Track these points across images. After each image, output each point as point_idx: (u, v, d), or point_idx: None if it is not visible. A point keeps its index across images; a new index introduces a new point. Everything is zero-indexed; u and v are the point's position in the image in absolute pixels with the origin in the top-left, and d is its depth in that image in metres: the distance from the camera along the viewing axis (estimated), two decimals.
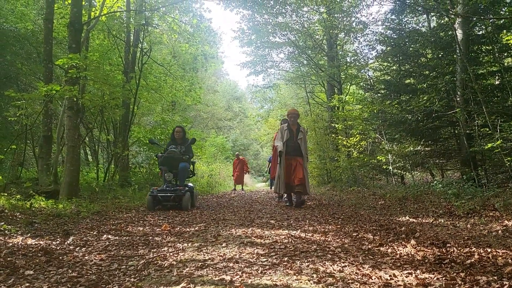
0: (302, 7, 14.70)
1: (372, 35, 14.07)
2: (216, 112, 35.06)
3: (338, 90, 15.00)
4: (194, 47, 15.13)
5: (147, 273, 2.56)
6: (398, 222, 4.75)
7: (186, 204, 6.57)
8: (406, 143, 9.39)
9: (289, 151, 7.27)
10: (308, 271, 2.51)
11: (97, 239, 3.85)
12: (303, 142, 7.39)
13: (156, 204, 6.62)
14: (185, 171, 7.02)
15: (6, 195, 5.55)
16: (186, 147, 7.27)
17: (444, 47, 8.65)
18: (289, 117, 7.58)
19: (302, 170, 7.11)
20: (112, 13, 10.68)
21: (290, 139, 7.32)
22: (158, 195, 6.54)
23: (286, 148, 7.26)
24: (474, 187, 6.62)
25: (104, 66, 9.39)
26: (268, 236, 3.83)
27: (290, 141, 7.31)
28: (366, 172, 12.33)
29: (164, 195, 6.56)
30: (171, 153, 6.87)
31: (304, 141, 7.48)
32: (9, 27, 10.46)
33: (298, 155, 7.27)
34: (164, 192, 6.62)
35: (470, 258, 2.76)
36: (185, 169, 7.03)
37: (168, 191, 6.62)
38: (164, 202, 6.59)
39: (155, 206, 6.61)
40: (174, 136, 7.43)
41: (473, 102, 7.55)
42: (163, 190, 6.64)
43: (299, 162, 7.21)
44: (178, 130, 7.46)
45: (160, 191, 6.62)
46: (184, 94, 15.37)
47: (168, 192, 6.60)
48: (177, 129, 7.49)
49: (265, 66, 18.19)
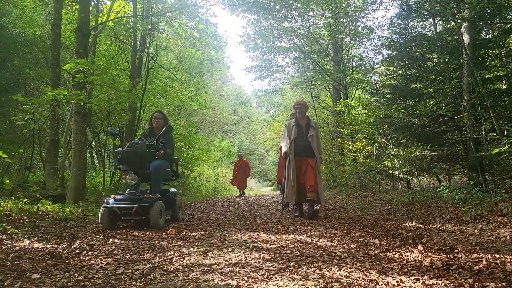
0: (308, 12, 14.73)
1: (378, 40, 14.05)
2: (221, 116, 35.12)
3: (344, 95, 14.98)
4: (200, 52, 15.22)
5: (153, 278, 2.56)
6: (404, 228, 4.72)
7: (155, 218, 4.76)
8: (412, 147, 9.34)
9: (299, 151, 6.07)
10: (314, 276, 2.50)
11: (103, 243, 3.86)
12: (315, 139, 6.13)
13: (115, 220, 4.88)
14: (159, 171, 5.29)
15: (14, 198, 5.59)
16: (166, 139, 5.64)
17: (451, 52, 8.63)
18: (296, 109, 6.34)
19: (314, 174, 5.94)
20: (119, 18, 10.77)
21: (299, 136, 6.11)
22: (113, 206, 4.69)
23: (294, 148, 6.08)
24: (482, 192, 6.56)
25: (111, 71, 9.45)
26: (274, 241, 3.82)
27: (299, 139, 6.11)
28: (372, 176, 12.27)
29: (122, 207, 4.71)
30: (133, 148, 5.02)
31: (317, 138, 6.19)
32: (18, 32, 10.56)
33: (309, 155, 6.04)
34: (122, 202, 4.76)
35: (478, 264, 2.74)
36: (160, 169, 5.31)
37: (128, 201, 4.77)
38: (125, 216, 4.81)
39: (113, 223, 4.84)
40: (152, 125, 5.79)
41: (480, 107, 7.51)
42: (121, 199, 4.80)
43: (310, 165, 6.00)
44: (158, 116, 5.78)
45: (118, 201, 4.77)
46: (190, 99, 15.44)
47: (128, 202, 4.75)
48: (156, 115, 5.80)
49: (270, 70, 18.22)
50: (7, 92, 8.97)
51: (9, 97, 8.73)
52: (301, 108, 6.28)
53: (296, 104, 6.38)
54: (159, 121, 5.75)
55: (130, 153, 4.98)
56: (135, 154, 5.00)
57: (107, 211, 4.71)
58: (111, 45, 11.95)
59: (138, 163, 5.05)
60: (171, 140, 5.78)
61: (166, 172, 5.53)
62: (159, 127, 5.69)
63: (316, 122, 7.42)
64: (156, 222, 4.79)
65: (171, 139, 5.79)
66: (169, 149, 5.55)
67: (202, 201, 10.37)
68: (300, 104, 6.34)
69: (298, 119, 6.25)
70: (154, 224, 4.78)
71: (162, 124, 5.72)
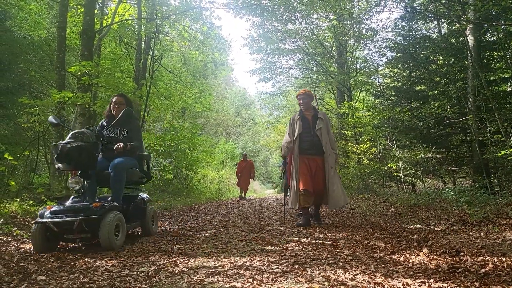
0: (312, 14, 14.75)
1: (382, 42, 14.03)
2: (225, 118, 35.20)
3: (348, 97, 14.96)
4: (204, 54, 15.29)
5: (158, 280, 2.56)
6: (409, 230, 4.69)
7: (107, 236, 3.46)
8: (417, 150, 9.31)
9: (305, 148, 5.21)
10: (320, 279, 2.49)
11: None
12: (325, 133, 5.22)
13: (54, 240, 3.60)
14: (120, 172, 4.02)
15: (19, 200, 5.62)
16: (130, 128, 4.35)
17: (455, 54, 8.61)
18: (299, 99, 5.48)
19: (322, 179, 5.17)
20: (123, 21, 10.83)
21: (305, 131, 5.25)
22: (47, 221, 3.42)
23: (300, 144, 5.22)
24: (487, 195, 6.53)
25: (115, 73, 9.51)
26: (278, 243, 3.81)
27: (306, 134, 5.24)
28: (376, 179, 12.24)
29: (60, 221, 3.42)
30: (76, 139, 3.75)
31: (328, 131, 5.28)
32: (23, 35, 10.64)
33: (318, 153, 5.19)
34: (60, 215, 3.49)
35: (484, 267, 2.72)
36: (122, 169, 4.04)
37: (68, 213, 3.51)
38: (67, 234, 3.51)
39: (52, 243, 3.59)
40: (111, 113, 4.40)
41: (485, 109, 7.48)
42: (60, 211, 3.53)
43: (320, 167, 5.19)
44: (118, 101, 4.39)
45: (55, 213, 3.51)
46: (194, 101, 15.50)
47: (69, 215, 3.48)
48: (115, 99, 4.41)
49: (274, 73, 18.24)
50: (13, 94, 9.02)
51: (14, 100, 8.77)
52: (305, 98, 5.37)
53: (300, 94, 5.48)
54: (120, 106, 4.35)
55: (71, 147, 3.68)
56: (77, 149, 3.68)
57: (40, 228, 3.44)
58: (116, 48, 12.03)
59: (83, 160, 3.71)
60: (138, 129, 4.48)
61: (131, 172, 4.24)
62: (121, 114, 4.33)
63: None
64: (108, 241, 3.47)
65: (138, 128, 4.50)
66: (135, 142, 4.27)
67: (206, 203, 10.38)
68: (304, 94, 5.41)
69: (303, 111, 5.40)
70: (106, 243, 3.47)
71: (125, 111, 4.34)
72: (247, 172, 13.44)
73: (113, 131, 4.31)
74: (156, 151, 12.02)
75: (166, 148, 12.19)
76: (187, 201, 10.11)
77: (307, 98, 5.40)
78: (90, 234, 3.53)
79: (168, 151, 12.18)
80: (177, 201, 9.81)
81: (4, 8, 9.65)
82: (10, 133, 10.05)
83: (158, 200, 9.11)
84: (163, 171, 12.40)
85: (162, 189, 11.27)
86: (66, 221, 3.43)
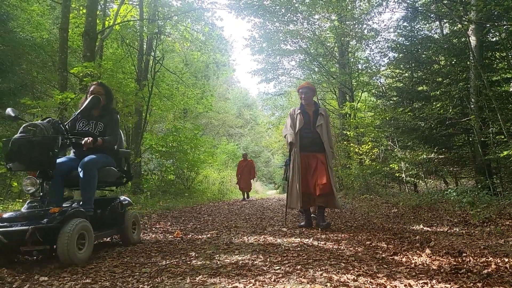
0: (314, 15, 14.75)
1: (384, 42, 14.00)
2: (227, 119, 35.23)
3: (350, 97, 14.95)
4: (206, 55, 15.32)
5: (160, 280, 2.56)
6: (412, 231, 4.69)
7: (66, 248, 2.84)
8: (419, 150, 9.29)
9: (305, 144, 5.01)
10: (322, 280, 2.49)
11: (111, 245, 3.87)
12: (324, 130, 5.05)
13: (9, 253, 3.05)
14: (91, 171, 3.46)
15: (21, 201, 5.63)
16: (107, 122, 3.78)
17: (458, 54, 8.59)
18: (300, 93, 5.21)
19: (325, 172, 4.87)
20: (125, 22, 10.86)
21: (305, 127, 5.05)
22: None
23: (300, 141, 5.03)
24: (490, 195, 6.51)
25: (117, 74, 9.53)
26: (280, 244, 3.81)
27: (306, 130, 5.05)
28: (378, 179, 12.23)
29: (10, 231, 2.84)
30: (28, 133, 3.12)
31: (327, 128, 5.12)
32: (25, 36, 10.68)
33: (319, 150, 4.99)
34: (11, 223, 2.93)
35: (487, 268, 2.71)
36: (92, 168, 3.47)
37: (20, 221, 2.94)
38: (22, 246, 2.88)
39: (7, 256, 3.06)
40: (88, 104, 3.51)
41: (488, 109, 7.46)
42: (11, 218, 2.97)
43: (321, 161, 4.94)
44: (96, 90, 3.81)
45: (5, 221, 2.95)
46: (196, 102, 15.53)
47: (21, 223, 2.90)
48: (93, 88, 3.84)
49: (276, 73, 18.24)
50: (15, 95, 9.05)
51: (17, 101, 8.79)
52: (308, 92, 5.15)
53: (302, 87, 5.22)
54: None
55: (22, 142, 3.08)
56: (29, 144, 3.07)
57: None
58: (118, 49, 12.06)
59: (35, 157, 3.08)
60: (115, 122, 3.84)
61: (106, 171, 3.67)
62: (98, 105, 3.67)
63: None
64: (67, 255, 2.85)
65: (115, 121, 3.84)
66: (110, 136, 3.72)
67: (208, 204, 10.39)
68: (306, 88, 5.19)
69: (303, 106, 5.17)
70: (65, 257, 2.85)
71: (103, 102, 3.79)
72: (248, 172, 13.28)
73: (87, 124, 3.73)
74: (158, 152, 12.04)
75: (168, 149, 12.21)
76: (189, 202, 10.12)
77: (310, 92, 5.19)
78: (49, 245, 2.91)
79: (170, 152, 12.20)
80: (179, 201, 9.82)
81: (7, 10, 9.69)
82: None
83: (160, 201, 9.12)
84: (165, 172, 12.42)
85: (164, 190, 11.28)
86: (17, 231, 2.82)
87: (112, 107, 3.97)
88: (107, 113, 3.82)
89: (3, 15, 9.11)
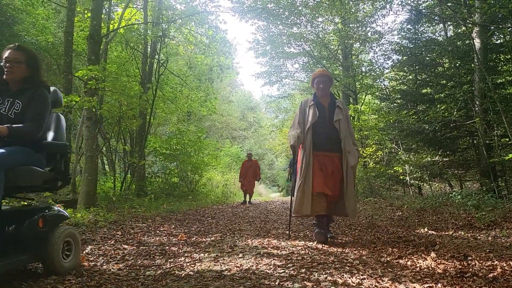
0: (317, 18, 14.78)
1: (387, 45, 14.01)
2: (230, 122, 35.25)
3: (354, 100, 14.94)
4: (209, 58, 15.36)
5: (164, 283, 2.57)
6: (416, 234, 4.67)
7: None
8: (423, 153, 9.27)
9: (320, 142, 4.13)
10: (326, 283, 2.48)
11: (115, 248, 3.88)
12: (344, 125, 4.17)
13: None
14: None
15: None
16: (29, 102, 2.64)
17: (462, 57, 8.57)
18: (317, 83, 4.29)
19: (341, 179, 4.14)
20: (130, 25, 10.91)
21: (320, 121, 4.16)
22: None
23: (313, 138, 4.14)
24: (495, 198, 6.48)
25: (122, 77, 9.56)
26: (284, 247, 3.81)
27: (321, 125, 4.16)
28: (382, 182, 12.19)
29: None
30: None
31: (348, 123, 4.26)
32: (31, 39, 10.75)
33: (336, 149, 4.15)
34: None
35: (492, 272, 2.70)
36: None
37: None
38: None
39: None
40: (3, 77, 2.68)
41: (492, 112, 7.43)
42: None
43: (337, 166, 4.14)
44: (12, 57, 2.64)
45: None
46: (200, 105, 15.56)
47: None
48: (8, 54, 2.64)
49: (279, 76, 18.28)
50: None
51: None
52: (326, 81, 4.28)
53: (317, 75, 4.33)
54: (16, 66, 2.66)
55: None
56: None
57: None
58: (122, 52, 12.12)
59: None
60: (41, 101, 2.70)
61: (22, 172, 2.55)
62: (17, 79, 2.70)
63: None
64: None
65: (41, 99, 2.70)
66: (27, 122, 2.61)
67: (211, 207, 10.38)
68: (324, 76, 4.32)
69: (318, 97, 4.30)
70: None
71: (24, 73, 2.70)
72: (252, 173, 12.12)
73: (1, 103, 2.64)
74: (162, 154, 12.07)
75: (172, 151, 12.23)
76: (192, 205, 10.12)
77: (328, 81, 4.32)
78: None
79: (174, 154, 12.22)
80: (182, 204, 9.83)
81: (12, 14, 9.77)
82: None
83: (164, 203, 9.13)
84: (169, 175, 12.44)
85: (168, 193, 11.30)
86: None
87: (38, 79, 2.79)
88: (29, 88, 2.70)
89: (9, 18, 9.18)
